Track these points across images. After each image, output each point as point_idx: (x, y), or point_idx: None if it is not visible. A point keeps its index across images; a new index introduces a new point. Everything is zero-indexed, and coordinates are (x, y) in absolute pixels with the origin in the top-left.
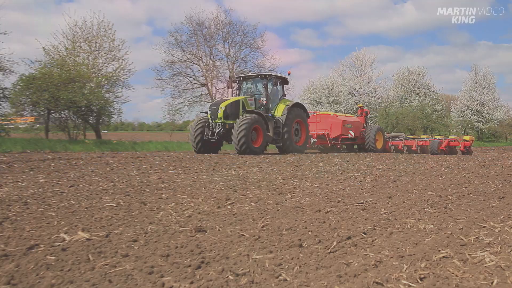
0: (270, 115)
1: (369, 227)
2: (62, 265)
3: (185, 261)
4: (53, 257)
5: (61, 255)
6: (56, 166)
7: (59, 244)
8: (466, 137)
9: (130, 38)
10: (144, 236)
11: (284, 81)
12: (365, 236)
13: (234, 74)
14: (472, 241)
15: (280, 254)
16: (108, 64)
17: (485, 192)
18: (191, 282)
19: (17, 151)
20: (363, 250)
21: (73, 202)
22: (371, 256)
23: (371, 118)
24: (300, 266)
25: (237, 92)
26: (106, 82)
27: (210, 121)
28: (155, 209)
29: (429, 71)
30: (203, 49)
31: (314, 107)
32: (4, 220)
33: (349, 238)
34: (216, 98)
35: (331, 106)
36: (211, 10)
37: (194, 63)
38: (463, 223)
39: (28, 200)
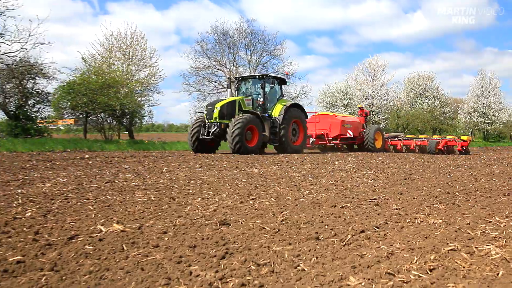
0: (266, 115)
1: (381, 222)
2: (99, 254)
3: (211, 252)
4: (91, 247)
5: (98, 245)
6: (94, 164)
7: (97, 235)
8: (464, 137)
9: (160, 47)
10: (173, 229)
11: (282, 81)
12: (377, 230)
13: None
14: (479, 235)
15: (298, 246)
16: (140, 70)
17: (491, 189)
18: (216, 271)
19: (59, 150)
20: (376, 243)
21: (109, 197)
22: (383, 249)
23: (383, 120)
24: (317, 257)
25: (236, 93)
26: (138, 87)
27: (206, 121)
28: (183, 203)
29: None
30: (227, 56)
31: (330, 109)
32: (47, 213)
33: (362, 231)
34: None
35: (345, 108)
36: (235, 21)
37: (218, 69)
38: (470, 218)
39: (69, 195)
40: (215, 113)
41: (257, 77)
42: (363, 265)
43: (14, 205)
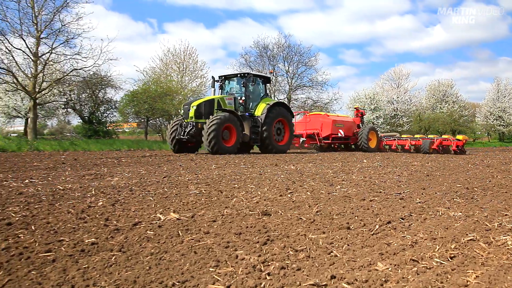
0: (247, 114)
1: (406, 214)
2: (159, 238)
3: (254, 238)
4: (152, 232)
5: (158, 231)
6: (153, 161)
7: (156, 222)
8: (459, 137)
9: (209, 60)
10: (221, 218)
11: (266, 80)
12: (403, 221)
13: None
14: (496, 227)
15: (331, 234)
16: (192, 81)
17: (507, 185)
18: (259, 255)
19: (124, 149)
20: (401, 232)
21: (166, 190)
22: (408, 238)
23: (407, 123)
24: (348, 245)
25: (220, 92)
26: (190, 95)
27: (183, 120)
28: (229, 196)
29: (457, 82)
30: (267, 67)
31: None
32: (115, 202)
33: (389, 222)
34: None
35: (372, 113)
36: (274, 36)
37: None
38: (488, 211)
39: (133, 187)
40: (191, 112)
41: (239, 75)
42: (389, 252)
43: (88, 195)
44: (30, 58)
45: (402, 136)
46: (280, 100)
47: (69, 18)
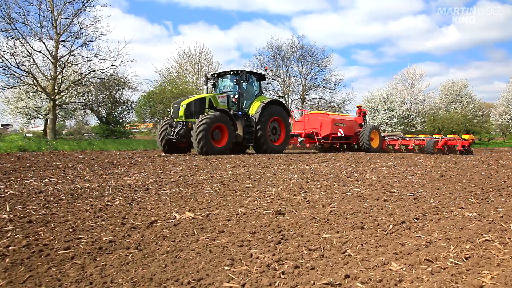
0: (240, 113)
1: (420, 214)
2: (174, 237)
3: (268, 237)
4: (167, 231)
5: (173, 229)
6: (169, 161)
7: (172, 221)
8: (465, 136)
9: (223, 61)
10: (236, 217)
11: (260, 77)
12: (417, 221)
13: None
14: (511, 227)
15: (345, 234)
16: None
17: None
18: (273, 254)
19: (141, 149)
20: (415, 232)
21: (182, 189)
22: (422, 238)
23: (421, 123)
24: (362, 245)
25: (213, 90)
26: None
27: (172, 120)
28: (244, 195)
29: (471, 82)
30: (281, 68)
31: (372, 114)
32: (132, 201)
33: (403, 222)
34: (291, 108)
35: (386, 113)
36: (287, 37)
37: (273, 80)
38: (503, 211)
39: (149, 187)
40: (181, 111)
41: (231, 72)
42: (404, 252)
43: (106, 194)
44: (50, 60)
45: (406, 135)
46: (275, 98)
47: (87, 21)
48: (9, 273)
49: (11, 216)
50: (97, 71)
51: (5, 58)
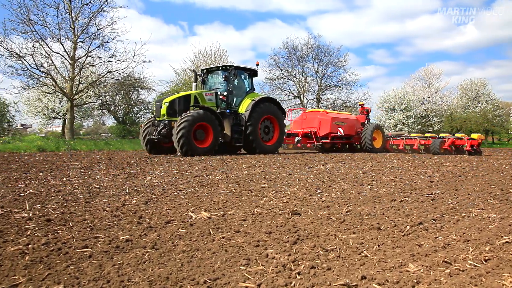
0: (228, 111)
1: (438, 215)
2: (190, 236)
3: (284, 238)
4: (183, 230)
5: (189, 229)
6: (185, 161)
7: (188, 220)
8: (474, 136)
9: (238, 61)
10: (251, 217)
11: (252, 73)
12: (434, 222)
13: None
14: None
15: (361, 235)
16: None
17: None
18: (289, 255)
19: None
20: (433, 234)
21: (197, 189)
22: (440, 239)
23: (438, 123)
24: (378, 245)
25: (202, 87)
26: None
27: (155, 119)
28: (259, 195)
29: (490, 81)
30: (296, 68)
31: (389, 113)
32: (148, 201)
33: (420, 223)
34: (307, 107)
35: (402, 113)
36: (303, 37)
37: (289, 79)
38: None
39: (165, 186)
40: (163, 110)
41: (220, 68)
42: (421, 254)
43: (123, 194)
44: (68, 61)
45: (411, 135)
46: (268, 95)
47: (104, 23)
48: (29, 270)
49: (31, 214)
50: (114, 71)
51: (24, 60)
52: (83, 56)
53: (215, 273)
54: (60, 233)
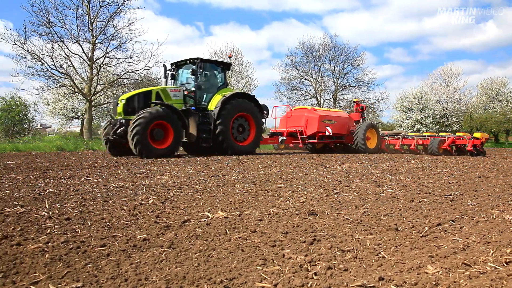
0: (193, 108)
1: (457, 216)
2: (207, 236)
3: (301, 238)
4: (200, 230)
5: (206, 229)
6: (201, 161)
7: (204, 220)
8: (477, 134)
9: (254, 61)
10: (268, 217)
11: (225, 66)
12: (453, 223)
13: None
14: None
15: (379, 235)
16: (238, 81)
17: None
18: (306, 255)
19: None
20: (452, 235)
21: (214, 188)
22: (459, 241)
23: (457, 123)
24: (396, 247)
25: (172, 82)
26: None
27: (112, 118)
28: (276, 195)
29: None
30: (313, 67)
31: (406, 113)
32: (165, 200)
33: (439, 224)
34: (323, 107)
35: (420, 112)
36: (319, 36)
37: (306, 79)
38: None
39: (182, 186)
40: (119, 108)
41: (188, 61)
42: (440, 255)
43: (140, 193)
44: (86, 62)
45: (409, 134)
46: (242, 91)
47: (122, 24)
48: (48, 268)
49: (50, 213)
50: (131, 72)
51: (44, 61)
52: (101, 57)
53: (231, 272)
54: (79, 232)
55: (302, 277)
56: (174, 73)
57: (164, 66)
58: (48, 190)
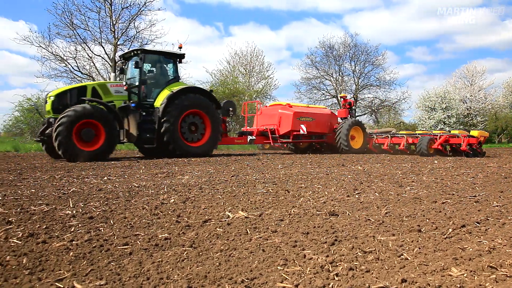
0: (133, 105)
1: (482, 218)
2: (228, 235)
3: (322, 239)
4: (221, 229)
5: (227, 228)
6: (221, 160)
7: (225, 220)
8: (474, 132)
9: (273, 61)
10: (288, 217)
11: (176, 58)
12: (478, 225)
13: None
14: None
15: (401, 237)
16: (258, 82)
17: None
18: (327, 256)
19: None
20: (477, 237)
21: (234, 188)
22: (485, 243)
23: (481, 122)
24: (419, 248)
25: (122, 77)
26: (256, 95)
27: (41, 117)
28: (296, 195)
29: None
30: (333, 67)
31: (429, 113)
32: (186, 200)
33: (463, 226)
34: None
35: (443, 112)
36: (340, 36)
37: (326, 79)
38: None
39: (203, 186)
40: (47, 105)
41: (133, 53)
42: (464, 258)
43: (161, 193)
44: (108, 63)
45: (401, 132)
46: (194, 85)
47: (143, 25)
48: (73, 265)
49: (74, 212)
50: None
51: (68, 63)
52: None
53: (252, 272)
54: (102, 230)
55: (323, 277)
56: (123, 66)
57: (114, 59)
58: (72, 189)
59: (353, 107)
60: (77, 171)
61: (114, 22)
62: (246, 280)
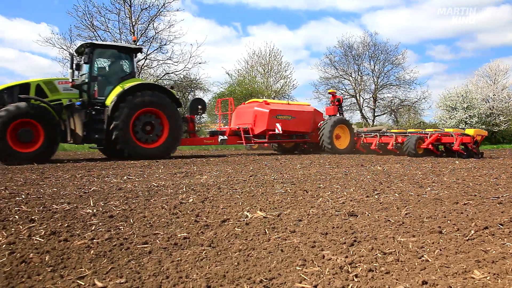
0: (78, 103)
1: (505, 219)
2: (246, 235)
3: (341, 239)
4: (239, 229)
5: (245, 228)
6: (240, 160)
7: (244, 220)
8: (469, 131)
9: (292, 61)
10: (307, 217)
11: (130, 52)
12: (502, 227)
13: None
14: None
15: (421, 238)
16: (277, 82)
17: None
18: (346, 256)
19: (212, 149)
20: (500, 239)
21: (253, 188)
22: (508, 246)
23: (505, 122)
24: (440, 250)
25: (78, 73)
26: (274, 95)
27: None
28: (315, 196)
29: None
30: (352, 67)
31: (450, 112)
32: (205, 199)
33: (486, 228)
34: (363, 107)
35: (465, 111)
36: (359, 35)
37: (345, 79)
38: None
39: (221, 186)
40: None
41: (83, 48)
42: (487, 260)
43: (180, 192)
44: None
45: (391, 131)
46: (150, 82)
47: (162, 26)
48: (93, 263)
49: (95, 210)
50: (171, 73)
51: None
52: (142, 59)
53: (271, 272)
54: (122, 229)
55: (343, 278)
56: (78, 62)
57: (71, 55)
58: (92, 188)
59: (343, 104)
60: (98, 170)
61: (133, 23)
62: (265, 280)
